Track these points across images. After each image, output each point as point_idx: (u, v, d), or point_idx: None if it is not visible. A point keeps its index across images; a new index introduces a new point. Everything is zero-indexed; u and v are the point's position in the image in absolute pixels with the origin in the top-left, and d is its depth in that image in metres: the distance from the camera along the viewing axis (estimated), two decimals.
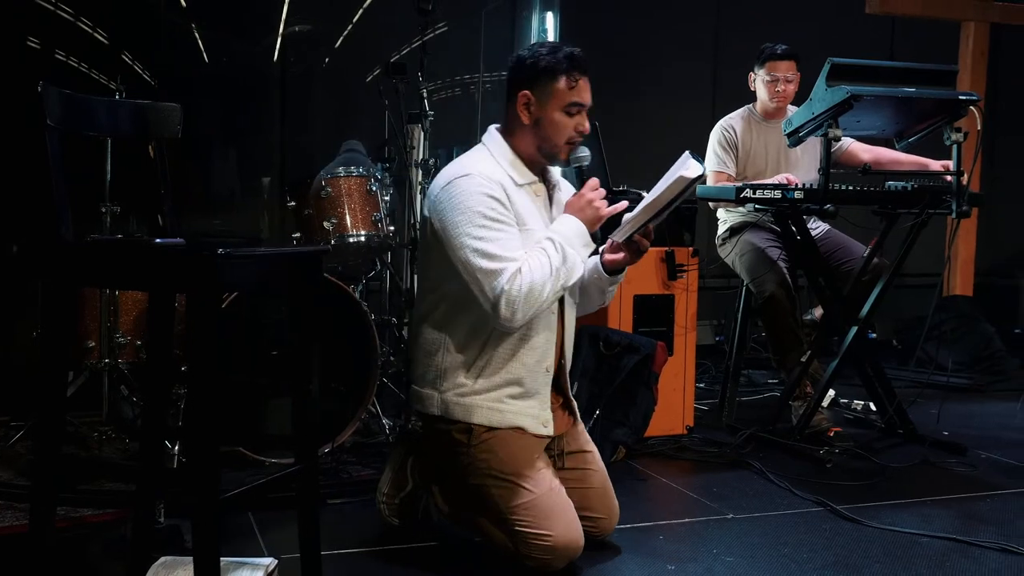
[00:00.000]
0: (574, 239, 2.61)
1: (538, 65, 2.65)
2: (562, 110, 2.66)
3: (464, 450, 2.68)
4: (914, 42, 6.35)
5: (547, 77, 2.65)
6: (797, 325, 4.13)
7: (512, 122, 2.72)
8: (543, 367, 2.72)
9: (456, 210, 2.56)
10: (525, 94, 2.66)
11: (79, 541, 2.77)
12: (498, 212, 2.56)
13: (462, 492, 2.74)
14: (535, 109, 2.67)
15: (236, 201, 5.15)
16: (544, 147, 2.70)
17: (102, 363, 3.62)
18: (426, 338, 2.73)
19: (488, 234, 2.53)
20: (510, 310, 2.50)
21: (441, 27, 5.06)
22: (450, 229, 2.56)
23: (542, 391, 2.74)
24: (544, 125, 2.67)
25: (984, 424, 4.46)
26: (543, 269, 2.53)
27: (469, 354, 2.67)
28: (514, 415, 2.68)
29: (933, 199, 3.78)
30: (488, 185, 2.58)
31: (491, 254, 2.52)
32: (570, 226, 2.62)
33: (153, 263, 2.00)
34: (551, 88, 2.65)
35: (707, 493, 3.35)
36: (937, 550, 2.85)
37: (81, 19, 4.62)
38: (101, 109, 2.32)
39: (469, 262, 2.53)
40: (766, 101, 4.32)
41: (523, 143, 2.71)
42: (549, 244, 2.58)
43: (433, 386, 2.71)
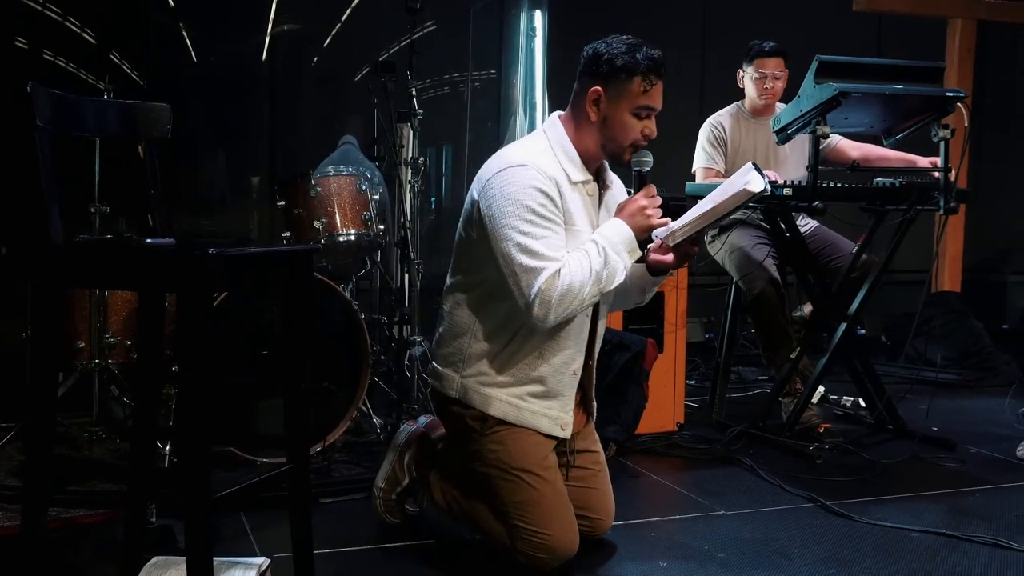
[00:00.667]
0: (620, 245, 2.55)
1: (615, 62, 2.57)
2: (632, 112, 2.59)
3: (476, 437, 2.67)
4: (901, 39, 6.37)
5: (623, 76, 2.57)
6: (786, 322, 4.14)
7: (578, 115, 2.65)
8: (570, 369, 2.69)
9: (506, 200, 2.50)
10: (597, 90, 2.59)
11: (71, 542, 2.77)
12: (548, 209, 2.51)
13: (466, 477, 2.74)
14: (604, 107, 2.60)
15: (225, 201, 5.14)
16: (608, 146, 2.64)
17: (92, 364, 3.61)
18: (455, 319, 2.69)
19: (534, 230, 2.49)
20: (543, 310, 2.47)
21: (430, 26, 5.06)
22: (497, 218, 2.51)
23: (566, 393, 2.70)
24: (611, 124, 2.60)
25: (973, 420, 4.48)
26: (582, 273, 2.49)
27: (496, 344, 2.64)
28: (532, 414, 2.66)
29: (921, 196, 3.80)
30: (542, 180, 2.52)
31: (534, 251, 2.48)
32: (618, 231, 2.56)
33: (144, 263, 2.00)
34: (625, 88, 2.58)
35: (698, 490, 3.36)
36: (927, 545, 2.87)
37: (69, 19, 4.60)
38: (90, 109, 2.31)
39: (510, 256, 2.49)
40: (754, 98, 4.33)
41: (586, 139, 2.64)
42: (592, 247, 2.53)
43: (455, 368, 2.69)
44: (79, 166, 3.59)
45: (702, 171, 4.35)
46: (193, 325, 1.97)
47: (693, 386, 4.84)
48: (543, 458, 2.67)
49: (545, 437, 2.70)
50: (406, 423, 3.11)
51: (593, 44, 2.65)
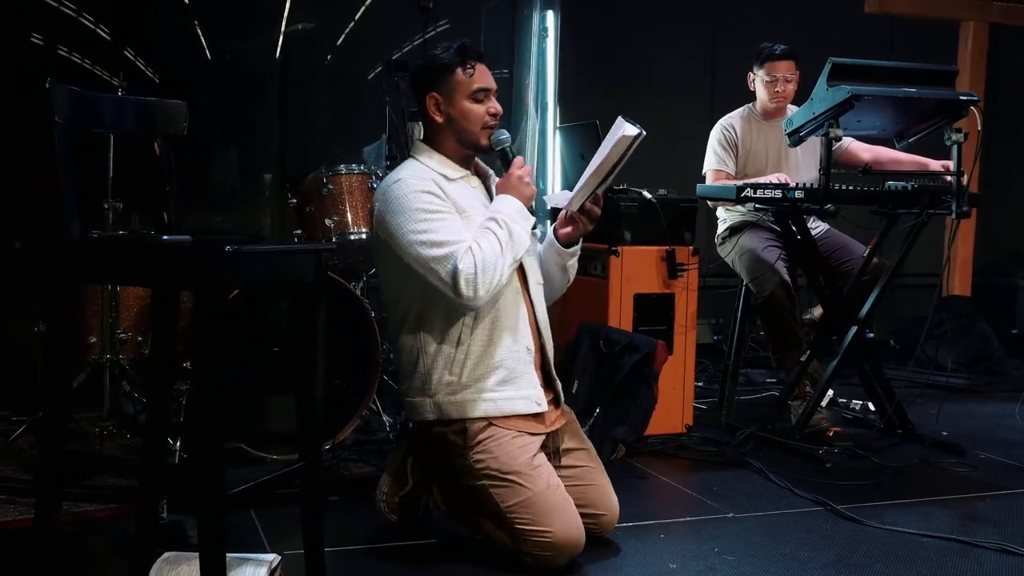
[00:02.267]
0: (515, 214, 2.69)
1: (434, 65, 2.77)
2: (469, 98, 2.75)
3: (461, 452, 2.69)
4: (913, 42, 6.35)
5: (445, 73, 2.75)
6: (796, 324, 4.14)
7: (430, 127, 2.82)
8: (523, 346, 2.76)
9: (395, 213, 2.64)
10: (432, 96, 2.76)
11: (82, 536, 2.78)
12: (435, 203, 2.64)
13: (461, 493, 2.76)
14: (444, 106, 2.76)
15: (237, 198, 5.15)
16: (464, 138, 2.78)
17: (103, 359, 3.63)
18: (404, 347, 2.78)
19: (430, 225, 2.61)
20: (470, 287, 2.56)
21: (443, 24, 5.06)
22: (394, 232, 2.63)
23: (527, 371, 2.77)
24: (457, 117, 2.76)
25: (983, 424, 4.47)
26: (492, 246, 2.61)
27: (448, 349, 2.71)
28: (507, 401, 2.71)
29: (933, 199, 3.79)
30: (420, 183, 2.66)
31: (437, 241, 2.59)
32: (508, 203, 2.71)
33: (161, 260, 2.00)
34: (452, 81, 2.75)
35: (707, 492, 3.36)
36: (937, 550, 2.86)
37: (84, 15, 4.61)
38: (108, 106, 2.33)
39: (420, 255, 2.60)
40: (766, 101, 4.33)
41: (445, 142, 2.80)
42: (492, 222, 2.67)
43: (423, 392, 2.74)
44: (93, 162, 3.60)
45: (712, 173, 4.35)
46: (209, 322, 1.98)
47: (701, 388, 4.83)
48: (531, 458, 2.69)
49: (529, 437, 2.72)
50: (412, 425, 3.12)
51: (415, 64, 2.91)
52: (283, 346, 3.48)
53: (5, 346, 4.04)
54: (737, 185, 3.78)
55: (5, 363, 3.99)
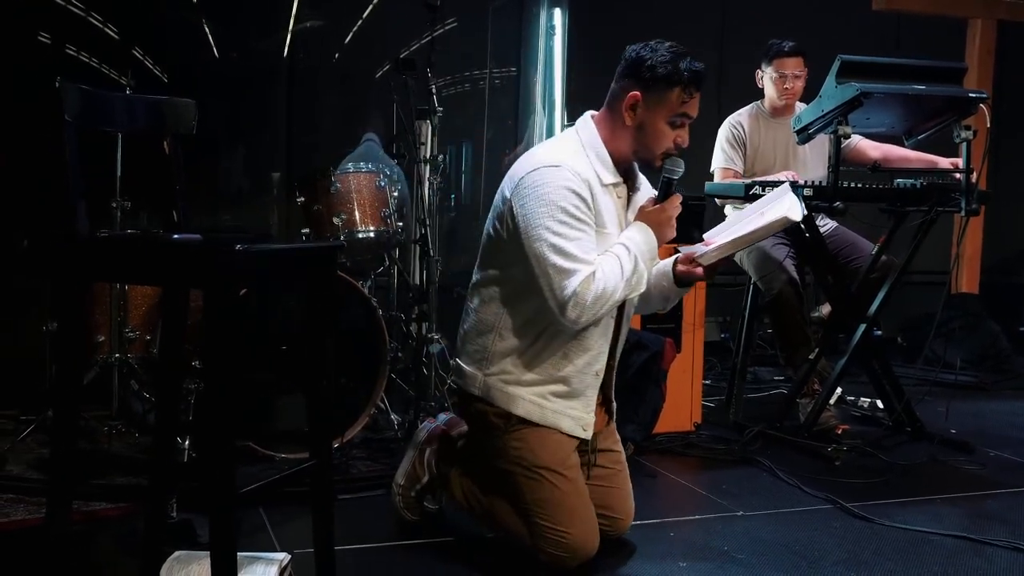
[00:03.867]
0: (646, 252, 2.57)
1: (657, 70, 2.55)
2: (668, 120, 2.58)
3: (499, 434, 2.67)
4: (920, 39, 6.34)
5: (663, 85, 2.56)
6: (805, 322, 4.13)
7: (613, 117, 2.64)
8: (593, 370, 2.68)
9: (539, 200, 2.50)
10: (635, 95, 2.58)
11: (92, 535, 2.77)
12: (581, 211, 2.51)
13: (487, 474, 2.74)
14: (642, 113, 2.59)
15: (245, 196, 5.15)
16: (640, 152, 2.63)
17: (112, 358, 3.62)
18: (480, 317, 2.69)
19: (568, 231, 2.48)
20: (576, 312, 2.47)
21: (451, 23, 5.06)
22: (530, 218, 2.50)
23: (588, 393, 2.70)
24: (647, 131, 2.59)
25: (991, 422, 4.47)
26: (615, 277, 2.50)
27: (521, 343, 2.64)
28: (555, 414, 2.66)
29: (942, 197, 3.78)
30: (575, 181, 2.51)
31: (568, 252, 2.47)
32: (647, 239, 2.58)
33: (171, 258, 2.00)
34: (664, 97, 2.57)
35: (716, 490, 3.35)
36: (948, 548, 2.86)
37: (92, 14, 4.61)
38: (118, 105, 2.32)
39: (544, 256, 2.48)
40: (774, 98, 4.32)
41: (619, 142, 2.63)
42: (624, 252, 2.54)
43: (479, 366, 2.69)
44: (101, 161, 3.60)
45: (720, 171, 4.35)
46: (219, 321, 1.97)
47: (709, 386, 4.82)
48: (566, 457, 2.67)
49: (567, 436, 2.70)
50: (426, 421, 3.12)
51: (636, 47, 2.63)
52: (291, 344, 3.48)
53: (14, 345, 4.05)
54: (745, 183, 3.78)
55: (14, 362, 4.00)
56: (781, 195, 2.63)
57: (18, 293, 4.14)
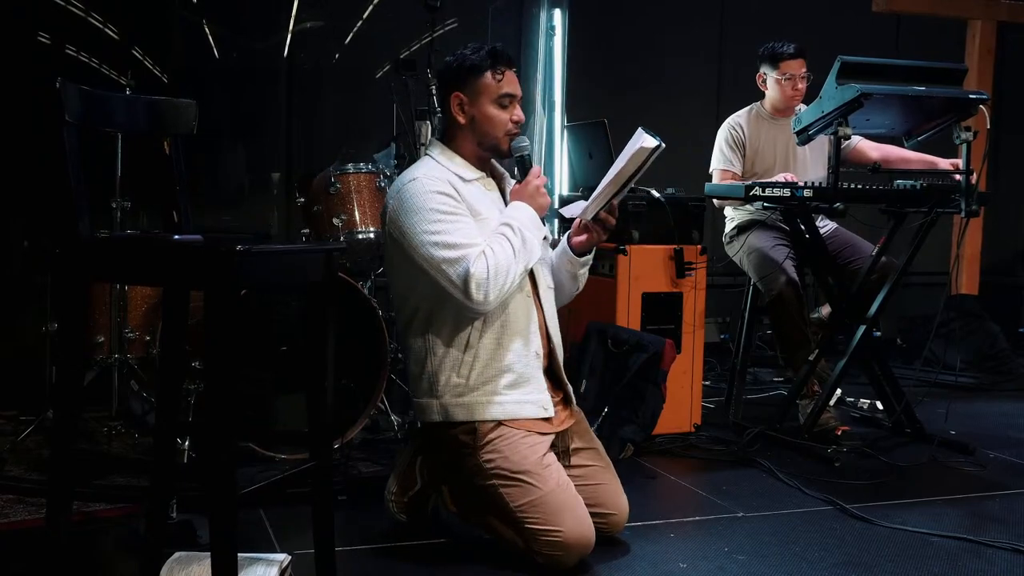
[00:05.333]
0: (529, 223, 2.69)
1: (464, 65, 2.75)
2: (494, 103, 2.74)
3: (470, 452, 2.69)
4: (919, 40, 6.34)
5: (474, 75, 2.74)
6: (805, 324, 4.13)
7: (451, 126, 2.81)
8: (531, 351, 2.76)
9: (409, 212, 2.63)
10: (457, 95, 2.75)
11: (92, 536, 2.78)
12: (450, 205, 2.64)
13: (471, 493, 2.75)
14: (468, 107, 2.75)
15: (245, 197, 5.14)
16: (484, 141, 2.78)
17: (112, 358, 3.62)
18: (412, 348, 2.78)
19: (443, 227, 2.60)
20: (480, 291, 2.56)
21: (451, 23, 5.05)
22: (407, 231, 2.63)
23: (535, 375, 2.77)
24: (480, 121, 2.75)
25: (991, 423, 4.46)
26: (505, 251, 2.61)
27: (456, 352, 2.71)
28: (515, 405, 2.71)
29: (942, 198, 3.78)
30: (435, 183, 2.66)
31: (450, 243, 2.59)
32: (523, 212, 2.71)
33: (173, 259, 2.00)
34: (479, 84, 2.74)
35: (716, 491, 3.35)
36: (949, 550, 2.85)
37: (92, 14, 4.61)
38: (118, 105, 2.32)
39: (431, 256, 2.59)
40: (779, 100, 4.31)
41: (464, 143, 2.79)
42: (506, 228, 2.66)
43: (430, 394, 2.74)
44: (101, 160, 3.59)
45: (719, 172, 4.34)
46: (221, 322, 1.97)
47: (708, 387, 4.82)
48: (541, 457, 2.69)
49: (538, 436, 2.71)
50: None
51: (444, 60, 2.84)
52: (290, 345, 3.48)
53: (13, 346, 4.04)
54: (745, 184, 3.77)
55: (13, 363, 4.00)
56: (637, 136, 2.73)
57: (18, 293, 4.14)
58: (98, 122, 2.23)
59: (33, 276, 3.98)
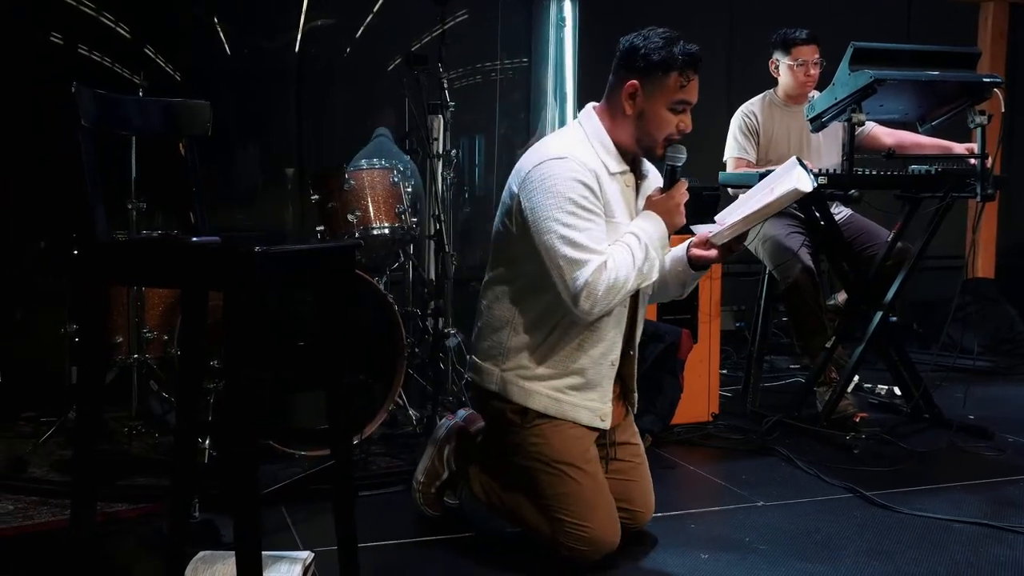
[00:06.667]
0: (656, 240, 2.57)
1: (652, 57, 2.55)
2: (668, 106, 2.58)
3: (516, 430, 2.67)
4: (931, 24, 6.30)
5: (660, 71, 2.56)
6: (821, 311, 4.12)
7: (614, 108, 2.64)
8: (608, 360, 2.69)
9: (547, 193, 2.50)
10: (633, 84, 2.58)
11: (115, 536, 2.79)
12: (589, 201, 2.51)
13: (506, 472, 2.74)
14: (641, 101, 2.59)
15: (259, 195, 5.14)
16: (643, 140, 2.63)
17: (131, 359, 3.64)
18: (495, 313, 2.70)
19: (577, 222, 2.49)
20: (590, 302, 2.48)
21: (462, 15, 5.04)
22: (539, 211, 2.51)
23: (604, 384, 2.70)
24: (647, 118, 2.60)
25: (1009, 408, 4.45)
26: (627, 266, 2.50)
27: (536, 337, 2.65)
28: (572, 407, 2.66)
29: (957, 182, 3.76)
30: (582, 171, 2.52)
31: (578, 243, 2.48)
32: (656, 226, 2.59)
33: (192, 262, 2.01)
34: (662, 83, 2.57)
35: (736, 480, 3.35)
36: (970, 536, 2.85)
37: (104, 14, 4.61)
38: (133, 108, 2.32)
39: (554, 248, 2.49)
40: (792, 87, 4.29)
41: (622, 132, 2.64)
42: (634, 240, 2.54)
43: (495, 362, 2.69)
44: (115, 162, 3.61)
45: (733, 161, 4.33)
46: (240, 323, 1.98)
47: (725, 375, 4.81)
48: (585, 451, 2.67)
49: (586, 429, 2.70)
50: (445, 417, 3.12)
51: (629, 37, 2.63)
52: (308, 341, 3.48)
53: (32, 347, 4.06)
54: (759, 172, 3.76)
55: (33, 364, 4.01)
56: (790, 168, 2.64)
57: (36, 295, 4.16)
58: (113, 125, 2.23)
59: (50, 277, 4.00)
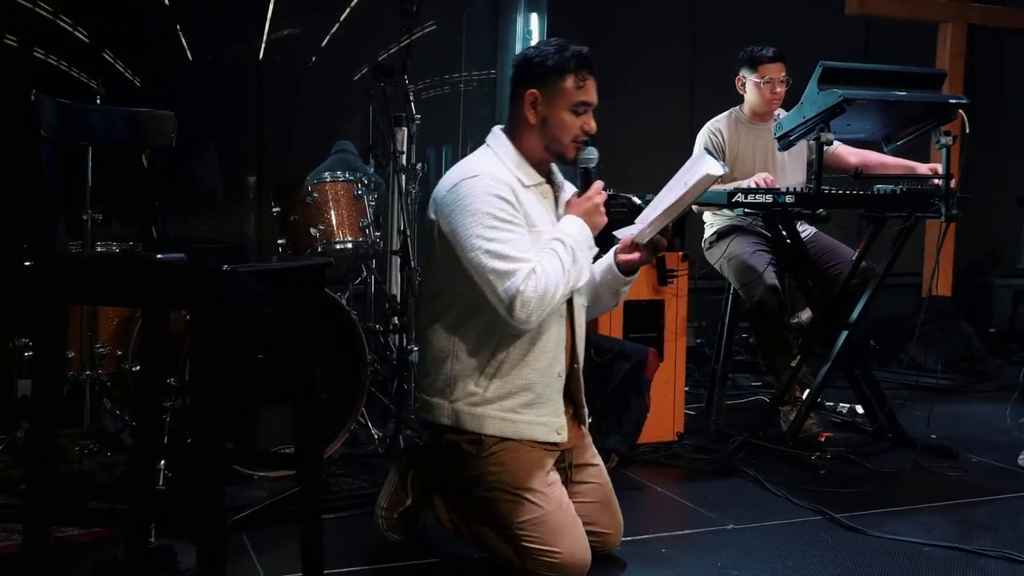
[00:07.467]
0: (582, 241, 2.59)
1: (546, 64, 2.61)
2: (569, 109, 2.62)
3: (473, 461, 2.62)
4: (890, 43, 6.35)
5: (555, 76, 2.61)
6: (786, 329, 4.10)
7: (518, 122, 2.67)
8: (555, 372, 2.67)
9: (465, 212, 2.51)
10: (532, 93, 2.62)
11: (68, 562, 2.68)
12: (508, 212, 2.52)
13: (468, 504, 2.69)
14: (542, 108, 2.63)
15: (220, 205, 5.03)
16: (551, 147, 2.66)
17: (83, 375, 3.51)
18: (435, 345, 2.67)
19: (499, 235, 2.49)
20: (525, 311, 2.46)
21: (429, 26, 4.97)
22: (460, 231, 2.51)
23: (554, 398, 2.68)
24: (551, 124, 2.63)
25: (969, 427, 4.46)
26: (555, 271, 2.50)
27: (480, 360, 2.62)
28: (527, 425, 2.63)
29: (922, 203, 3.77)
30: (496, 186, 2.53)
31: (504, 255, 2.47)
32: (578, 229, 2.60)
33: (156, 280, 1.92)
34: (559, 87, 2.61)
35: (704, 502, 3.31)
36: (941, 560, 2.83)
37: (60, 17, 4.48)
38: (96, 117, 2.24)
39: (481, 264, 2.48)
40: (758, 104, 4.27)
41: (529, 143, 2.67)
42: (559, 245, 2.55)
43: (443, 395, 2.65)
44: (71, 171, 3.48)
45: None
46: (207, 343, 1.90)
47: (688, 392, 4.76)
48: (545, 475, 2.63)
49: (544, 452, 2.66)
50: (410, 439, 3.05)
51: (522, 52, 2.71)
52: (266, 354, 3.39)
53: None
54: (728, 189, 3.74)
55: None
56: (699, 158, 2.67)
57: None
58: (75, 135, 2.15)
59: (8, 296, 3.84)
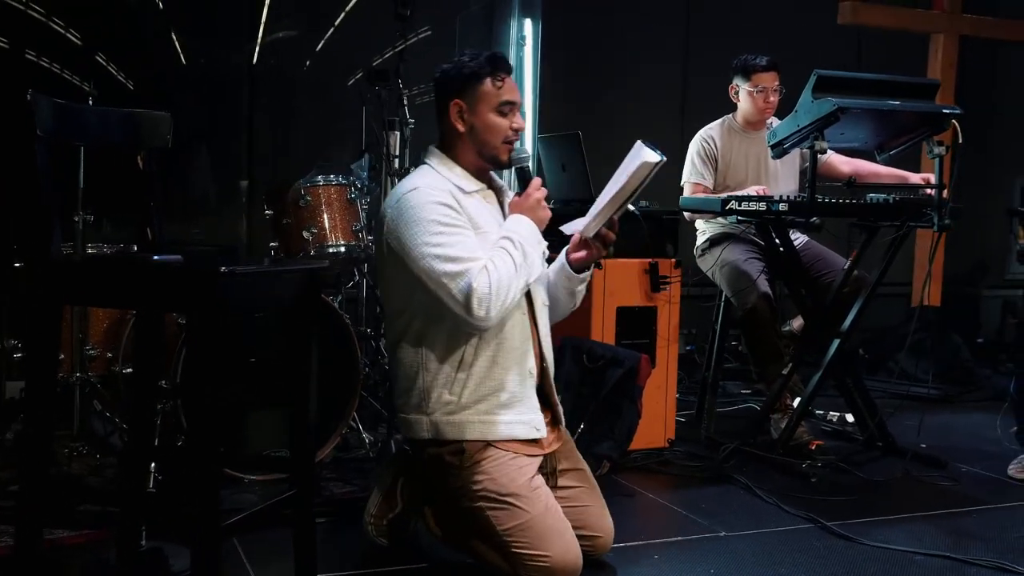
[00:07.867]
0: (529, 237, 2.64)
1: (463, 72, 2.69)
2: (494, 111, 2.69)
3: (457, 472, 2.62)
4: (882, 52, 6.37)
5: (474, 82, 2.68)
6: (778, 337, 4.11)
7: (449, 134, 2.74)
8: (526, 370, 2.70)
9: (410, 223, 2.56)
10: (456, 103, 2.69)
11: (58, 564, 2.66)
12: (451, 217, 2.57)
13: (456, 515, 2.69)
14: (468, 115, 2.70)
15: (213, 207, 5.00)
16: (484, 151, 2.72)
17: (73, 377, 3.49)
18: (404, 361, 2.69)
19: (446, 239, 2.53)
20: (483, 308, 2.49)
21: (424, 31, 4.96)
22: (407, 242, 2.55)
23: (529, 394, 2.71)
24: (480, 129, 2.69)
25: (958, 436, 4.47)
26: (507, 266, 2.55)
27: (450, 367, 2.64)
28: (507, 425, 2.64)
29: (915, 212, 3.78)
30: (437, 194, 2.59)
31: (452, 257, 2.52)
32: (524, 225, 2.66)
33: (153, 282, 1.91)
34: (480, 91, 2.68)
35: (696, 509, 3.31)
36: (933, 569, 2.84)
37: (53, 19, 4.45)
38: (91, 118, 2.23)
39: (432, 269, 2.52)
40: (751, 112, 4.28)
41: (464, 153, 2.73)
42: (508, 242, 2.60)
43: (419, 410, 2.66)
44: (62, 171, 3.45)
45: (691, 186, 4.31)
46: (204, 347, 1.89)
47: (678, 399, 4.77)
48: (529, 480, 2.63)
49: (527, 458, 2.66)
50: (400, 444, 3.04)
51: (438, 68, 2.77)
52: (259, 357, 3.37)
53: None
54: (722, 197, 3.74)
55: None
56: (638, 150, 2.69)
57: None
58: (70, 136, 2.14)
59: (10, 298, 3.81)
